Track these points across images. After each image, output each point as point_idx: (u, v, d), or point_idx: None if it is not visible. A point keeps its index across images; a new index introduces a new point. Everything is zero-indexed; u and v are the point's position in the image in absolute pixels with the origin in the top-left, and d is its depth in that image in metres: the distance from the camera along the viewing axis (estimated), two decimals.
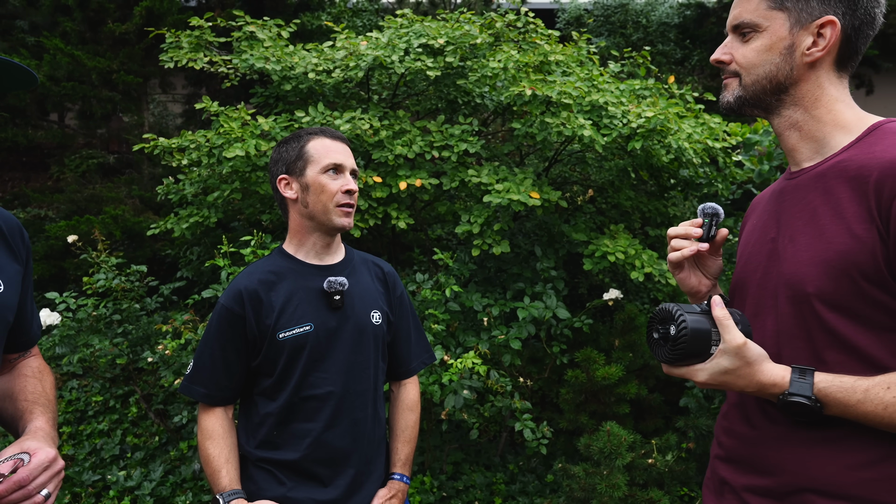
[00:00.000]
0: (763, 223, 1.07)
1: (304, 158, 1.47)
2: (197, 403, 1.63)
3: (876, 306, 0.89)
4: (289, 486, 1.42)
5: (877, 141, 0.93)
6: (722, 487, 1.07)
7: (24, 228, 1.14)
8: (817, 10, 0.96)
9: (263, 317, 1.42)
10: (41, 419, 1.06)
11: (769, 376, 0.92)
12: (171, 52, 3.20)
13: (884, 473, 0.88)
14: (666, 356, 0.97)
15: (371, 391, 1.51)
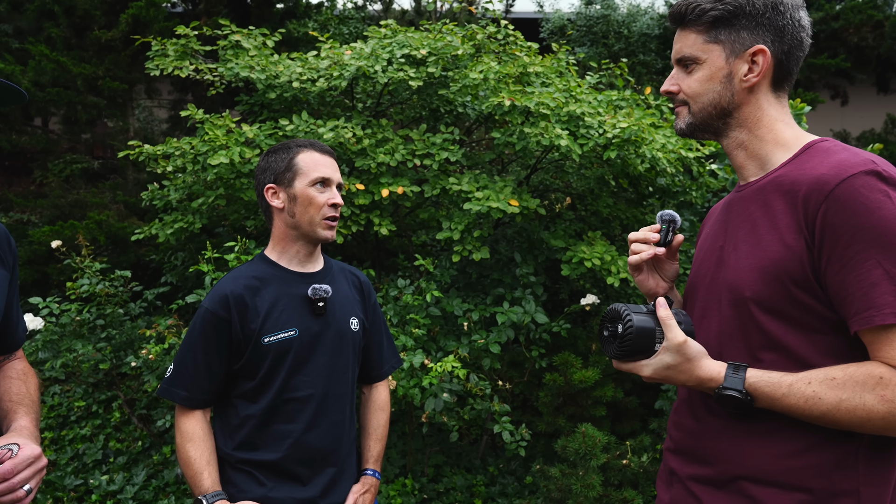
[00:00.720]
0: (714, 232, 1.15)
1: (292, 170, 1.51)
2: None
3: (805, 310, 0.96)
4: (269, 486, 1.45)
5: (809, 158, 1.01)
6: (671, 477, 1.14)
7: (10, 235, 1.19)
8: (748, 41, 1.04)
9: (249, 321, 1.45)
10: (25, 419, 1.10)
11: (707, 371, 1.00)
12: (157, 60, 3.24)
13: (808, 462, 0.96)
14: (614, 352, 1.05)
15: (349, 394, 1.57)
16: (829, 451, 0.95)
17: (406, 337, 2.75)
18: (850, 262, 0.91)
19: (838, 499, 0.94)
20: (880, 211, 0.90)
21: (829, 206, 0.92)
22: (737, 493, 1.01)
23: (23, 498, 0.97)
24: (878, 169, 0.92)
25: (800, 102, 3.09)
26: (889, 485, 0.96)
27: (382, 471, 3.19)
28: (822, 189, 0.93)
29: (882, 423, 0.90)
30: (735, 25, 1.04)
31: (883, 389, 0.89)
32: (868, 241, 0.90)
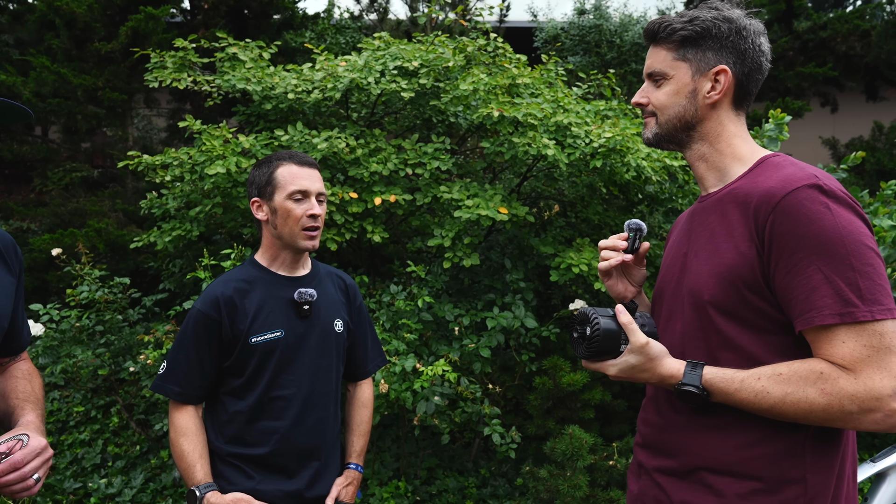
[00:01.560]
0: (679, 239, 1.23)
1: (272, 184, 1.58)
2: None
3: (756, 312, 1.04)
4: (257, 479, 1.53)
5: (761, 172, 1.09)
6: (639, 470, 1.22)
7: (16, 243, 1.26)
8: (712, 61, 1.13)
9: (238, 322, 1.53)
10: (31, 414, 1.18)
11: (668, 369, 1.08)
12: (157, 72, 3.32)
13: (760, 452, 1.04)
14: (583, 352, 1.12)
15: (333, 392, 1.64)
16: (778, 442, 1.03)
17: (398, 342, 2.82)
18: (794, 268, 0.99)
19: (787, 486, 1.02)
20: (821, 221, 0.98)
21: (776, 216, 1.00)
22: (697, 482, 1.09)
23: (32, 486, 1.05)
24: (819, 183, 1.00)
25: (780, 112, 3.18)
26: (833, 472, 1.04)
27: (376, 473, 3.26)
28: (770, 201, 1.02)
29: (822, 414, 0.98)
30: (701, 46, 1.13)
31: (823, 384, 0.97)
32: (809, 249, 0.98)
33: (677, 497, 1.11)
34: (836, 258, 0.97)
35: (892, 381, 0.94)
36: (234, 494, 1.50)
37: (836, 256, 0.97)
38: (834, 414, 0.97)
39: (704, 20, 1.12)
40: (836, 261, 0.97)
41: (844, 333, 0.96)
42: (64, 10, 4.21)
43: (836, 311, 0.96)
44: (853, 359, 0.96)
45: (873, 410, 0.95)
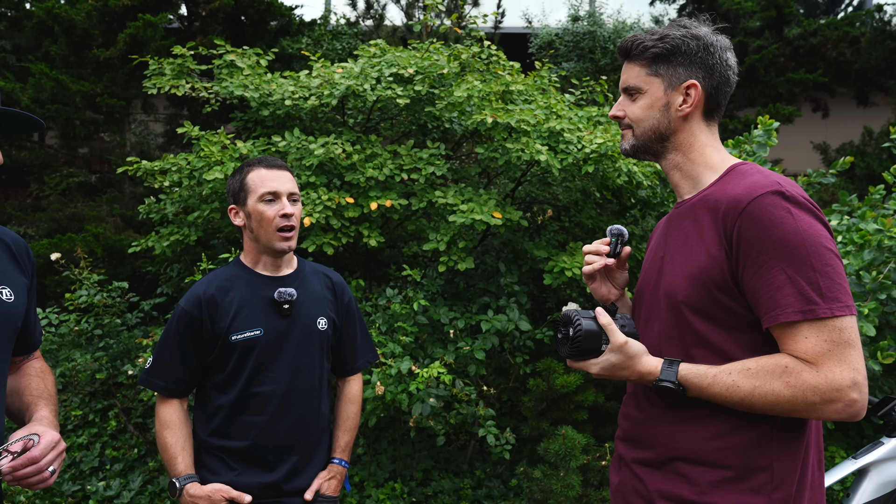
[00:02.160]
0: (657, 244, 1.29)
1: (244, 189, 1.64)
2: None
3: (726, 311, 1.11)
4: (238, 471, 1.59)
5: (730, 179, 1.16)
6: (619, 462, 1.28)
7: (28, 247, 1.31)
8: (683, 76, 1.20)
9: (218, 320, 1.59)
10: (45, 410, 1.23)
11: (646, 367, 1.15)
12: (155, 79, 3.36)
13: (731, 442, 1.10)
14: (567, 352, 1.18)
15: (316, 389, 1.68)
16: (747, 433, 1.09)
17: (394, 344, 2.86)
18: (760, 269, 1.05)
19: (755, 473, 1.08)
20: (783, 225, 1.04)
21: (743, 221, 1.07)
22: (672, 472, 1.15)
23: (48, 478, 1.11)
24: (781, 189, 1.07)
25: (769, 119, 3.24)
26: (798, 460, 1.10)
27: (372, 475, 3.29)
28: (736, 207, 1.08)
29: (788, 405, 1.04)
30: (672, 62, 1.19)
31: (788, 377, 1.03)
32: (773, 251, 1.04)
33: (654, 486, 1.16)
34: (798, 259, 1.03)
35: (850, 373, 1.00)
36: (213, 486, 1.55)
37: (797, 258, 1.03)
38: (798, 405, 1.03)
39: (674, 38, 1.18)
40: (797, 262, 1.03)
41: (807, 329, 1.02)
42: (63, 18, 4.25)
43: (799, 308, 1.02)
44: (815, 353, 1.02)
45: (834, 401, 1.01)
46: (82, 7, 4.37)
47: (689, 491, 1.12)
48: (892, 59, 6.18)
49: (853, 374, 1.00)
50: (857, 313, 1.05)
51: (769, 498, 1.07)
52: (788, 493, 1.07)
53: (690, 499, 1.11)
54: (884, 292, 2.63)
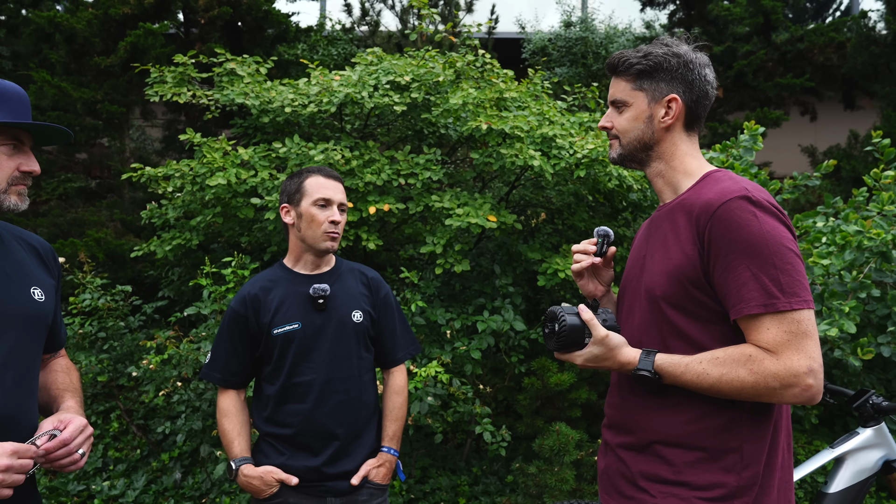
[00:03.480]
0: (640, 244, 1.40)
1: (301, 192, 1.79)
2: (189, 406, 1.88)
3: (699, 305, 1.21)
4: (287, 455, 1.73)
5: (704, 185, 1.27)
6: (605, 448, 1.38)
7: (54, 250, 1.40)
8: (665, 90, 1.30)
9: (262, 316, 1.74)
10: (71, 400, 1.32)
11: (626, 357, 1.24)
12: (157, 86, 3.44)
13: (705, 425, 1.20)
14: (553, 346, 1.28)
15: (355, 378, 1.79)
16: (719, 417, 1.20)
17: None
18: (728, 267, 1.16)
19: (727, 454, 1.19)
20: (749, 227, 1.14)
21: (713, 223, 1.17)
22: (652, 454, 1.25)
23: (78, 460, 1.20)
24: (748, 195, 1.17)
25: (754, 124, 3.34)
26: (766, 442, 1.20)
27: None
28: (708, 210, 1.18)
29: (752, 391, 1.14)
30: (655, 77, 1.30)
31: (752, 364, 1.13)
32: (739, 250, 1.14)
33: (636, 468, 1.26)
34: (762, 258, 1.13)
35: (807, 360, 1.11)
36: (265, 468, 1.70)
37: (761, 256, 1.13)
38: (761, 390, 1.13)
39: (656, 55, 1.29)
40: (761, 260, 1.13)
41: (769, 321, 1.13)
42: (64, 26, 4.32)
43: (761, 302, 1.12)
44: (776, 343, 1.12)
45: (792, 386, 1.11)
46: (83, 15, 4.44)
47: (667, 471, 1.22)
48: (876, 63, 6.31)
49: (809, 362, 1.11)
50: (814, 307, 1.15)
51: (739, 476, 1.17)
52: (756, 471, 1.18)
53: (669, 478, 1.21)
54: (863, 291, 2.73)
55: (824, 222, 3.44)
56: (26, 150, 1.25)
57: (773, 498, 1.19)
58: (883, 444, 2.07)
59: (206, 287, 3.03)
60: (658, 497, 1.21)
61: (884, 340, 2.71)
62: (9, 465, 1.08)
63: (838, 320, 2.62)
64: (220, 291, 2.98)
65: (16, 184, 1.23)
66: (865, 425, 2.09)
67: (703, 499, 1.18)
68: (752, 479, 1.17)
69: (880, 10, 6.63)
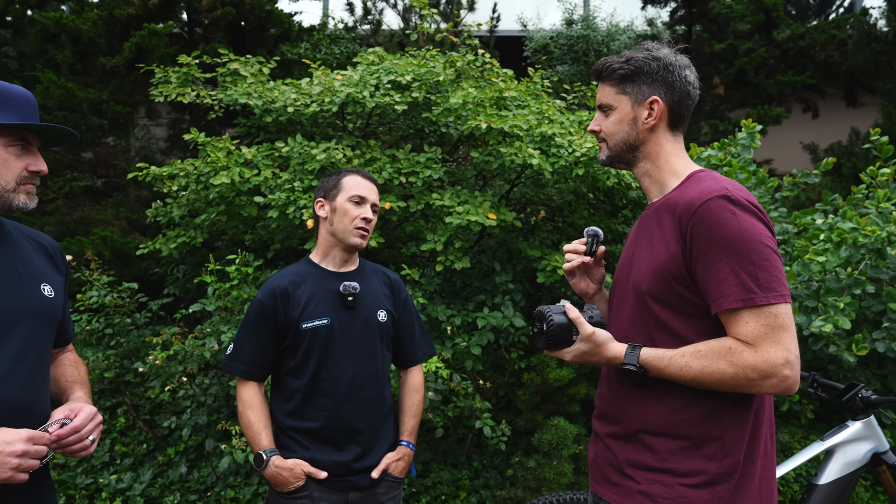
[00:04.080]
0: (630, 242, 1.44)
1: (338, 187, 1.85)
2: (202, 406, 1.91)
3: (683, 300, 1.26)
4: (312, 450, 1.76)
5: (687, 185, 1.31)
6: (595, 438, 1.44)
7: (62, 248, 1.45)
8: (647, 93, 1.35)
9: (291, 310, 1.77)
10: (80, 391, 1.38)
11: (612, 352, 1.30)
12: (162, 87, 3.49)
13: (688, 415, 1.25)
14: (543, 344, 1.33)
15: (378, 375, 1.84)
16: (701, 408, 1.25)
17: None
18: (708, 263, 1.20)
19: (708, 443, 1.24)
20: (728, 225, 1.19)
21: (695, 222, 1.22)
22: (637, 443, 1.30)
23: (89, 446, 1.26)
24: (728, 194, 1.21)
25: (752, 123, 3.37)
26: (746, 430, 1.25)
27: None
28: (690, 209, 1.23)
29: (732, 382, 1.19)
30: (637, 81, 1.35)
31: (731, 357, 1.18)
32: (719, 248, 1.19)
33: (623, 456, 1.32)
34: (740, 255, 1.18)
35: (784, 352, 1.15)
36: (295, 460, 1.73)
37: (739, 253, 1.18)
38: (740, 381, 1.18)
39: (637, 60, 1.34)
40: (739, 257, 1.18)
41: (747, 315, 1.17)
42: (70, 27, 4.38)
43: (740, 297, 1.17)
44: (754, 336, 1.17)
45: (770, 377, 1.16)
46: (88, 16, 4.50)
47: (652, 458, 1.27)
48: (878, 60, 6.32)
49: (786, 354, 1.15)
50: (791, 302, 1.19)
51: (720, 463, 1.22)
52: (737, 459, 1.23)
53: (653, 465, 1.27)
54: (858, 287, 2.76)
55: (823, 219, 3.47)
56: (34, 150, 1.30)
57: (755, 485, 1.24)
58: (872, 436, 2.11)
59: (211, 284, 3.08)
60: (643, 483, 1.27)
61: (879, 336, 2.74)
62: (25, 451, 1.13)
63: (833, 316, 2.66)
64: (224, 288, 3.03)
65: (24, 183, 1.27)
66: (855, 418, 2.13)
67: (685, 485, 1.23)
68: (733, 466, 1.22)
69: (882, 8, 6.63)
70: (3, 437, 1.13)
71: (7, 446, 1.12)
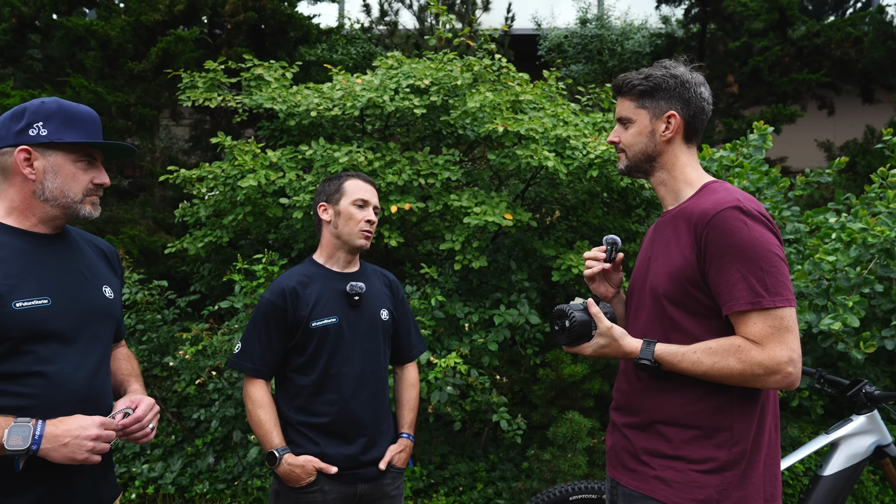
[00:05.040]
0: (646, 247, 1.55)
1: (340, 192, 1.93)
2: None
3: (697, 302, 1.36)
4: (322, 445, 1.83)
5: (702, 195, 1.41)
6: (613, 428, 1.55)
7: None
8: (664, 107, 1.45)
9: (300, 309, 1.84)
10: (136, 384, 1.52)
11: (629, 347, 1.40)
12: (189, 91, 3.62)
13: (701, 407, 1.36)
14: (564, 340, 1.43)
15: (381, 371, 1.94)
16: (712, 400, 1.35)
17: None
18: (721, 269, 1.31)
19: (719, 432, 1.34)
20: (739, 234, 1.30)
21: (709, 230, 1.32)
22: (653, 433, 1.41)
23: (150, 433, 1.39)
24: (740, 205, 1.32)
25: (763, 124, 3.43)
26: (754, 421, 1.35)
27: None
28: (705, 218, 1.33)
29: (739, 377, 1.29)
30: (655, 96, 1.45)
31: (740, 354, 1.28)
32: (731, 254, 1.29)
33: (639, 444, 1.43)
34: (750, 261, 1.28)
35: (788, 351, 1.26)
36: (306, 457, 1.80)
37: (750, 260, 1.28)
38: (747, 376, 1.28)
39: (656, 77, 1.44)
40: (749, 263, 1.28)
41: (755, 317, 1.28)
42: (100, 33, 4.53)
43: (749, 300, 1.27)
44: (761, 336, 1.27)
45: (775, 373, 1.27)
46: (116, 22, 4.65)
47: (666, 447, 1.38)
48: (894, 58, 6.31)
49: (790, 353, 1.26)
50: (796, 305, 1.30)
51: (729, 451, 1.33)
52: (745, 447, 1.33)
53: (668, 453, 1.37)
54: (867, 286, 2.82)
55: (836, 218, 3.52)
56: (98, 164, 1.42)
57: (760, 472, 1.34)
58: (875, 430, 2.19)
59: (238, 282, 3.21)
60: (658, 469, 1.37)
61: (888, 334, 2.80)
62: (98, 435, 1.26)
63: (842, 314, 2.72)
64: (251, 286, 3.16)
65: (90, 195, 1.40)
66: (859, 413, 2.21)
67: (697, 471, 1.33)
68: (741, 454, 1.33)
69: None
70: (79, 423, 1.26)
71: (84, 430, 1.25)
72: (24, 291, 1.28)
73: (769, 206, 3.48)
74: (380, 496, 1.90)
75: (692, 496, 1.33)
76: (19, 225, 1.36)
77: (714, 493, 1.32)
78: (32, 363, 1.27)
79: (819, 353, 3.05)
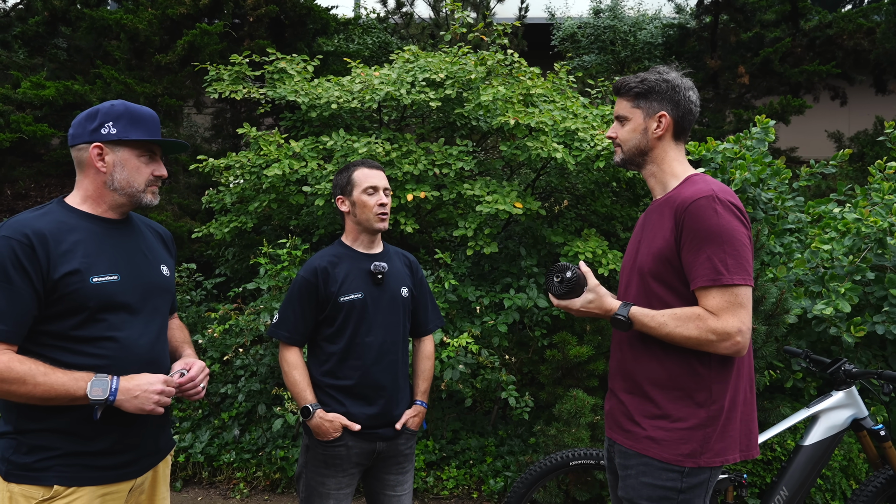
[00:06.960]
0: (637, 231, 1.74)
1: (351, 183, 2.12)
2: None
3: (676, 279, 1.55)
4: (347, 405, 2.06)
5: (685, 185, 1.60)
6: (610, 393, 1.75)
7: None
8: (656, 108, 1.63)
9: (329, 285, 2.06)
10: (189, 350, 1.73)
11: (610, 304, 1.61)
12: (216, 84, 3.81)
13: (682, 370, 1.56)
14: (560, 291, 1.63)
15: (401, 342, 2.15)
16: (693, 365, 1.55)
17: None
18: (692, 249, 1.50)
19: (699, 392, 1.55)
20: (710, 220, 1.48)
21: (686, 216, 1.51)
22: (641, 395, 1.62)
23: (201, 391, 1.61)
24: (714, 195, 1.50)
25: (765, 118, 3.56)
26: (729, 381, 1.55)
27: None
28: (683, 206, 1.52)
29: (696, 341, 1.49)
30: (649, 98, 1.64)
31: (699, 321, 1.49)
32: (702, 238, 1.49)
33: (631, 406, 1.63)
34: (716, 244, 1.47)
35: (738, 323, 1.46)
36: (334, 414, 2.03)
37: (716, 243, 1.47)
38: (702, 341, 1.49)
39: (650, 81, 1.63)
40: (715, 246, 1.47)
41: (715, 292, 1.48)
42: (129, 26, 4.74)
43: (711, 277, 1.47)
44: (718, 308, 1.47)
45: (725, 340, 1.47)
46: (144, 16, 4.85)
47: (654, 408, 1.59)
48: None
49: (740, 325, 1.46)
50: (752, 285, 1.48)
51: (708, 409, 1.54)
52: (722, 405, 1.54)
53: (655, 413, 1.58)
54: (859, 274, 2.96)
55: (839, 209, 3.64)
56: (157, 158, 1.62)
57: (737, 426, 1.56)
58: (852, 404, 2.35)
59: (264, 266, 3.41)
60: (649, 430, 1.58)
61: (879, 319, 2.95)
62: (162, 390, 1.48)
63: (834, 300, 2.87)
64: (275, 269, 3.36)
65: (151, 185, 1.60)
66: (838, 388, 2.37)
67: (682, 428, 1.54)
68: (719, 411, 1.53)
69: None
70: (147, 379, 1.48)
71: (151, 385, 1.47)
72: (99, 268, 1.49)
73: (772, 195, 3.62)
74: (395, 454, 2.13)
75: (679, 451, 1.53)
76: (93, 211, 1.57)
77: (698, 447, 1.52)
78: (106, 329, 1.48)
79: (814, 338, 3.20)
